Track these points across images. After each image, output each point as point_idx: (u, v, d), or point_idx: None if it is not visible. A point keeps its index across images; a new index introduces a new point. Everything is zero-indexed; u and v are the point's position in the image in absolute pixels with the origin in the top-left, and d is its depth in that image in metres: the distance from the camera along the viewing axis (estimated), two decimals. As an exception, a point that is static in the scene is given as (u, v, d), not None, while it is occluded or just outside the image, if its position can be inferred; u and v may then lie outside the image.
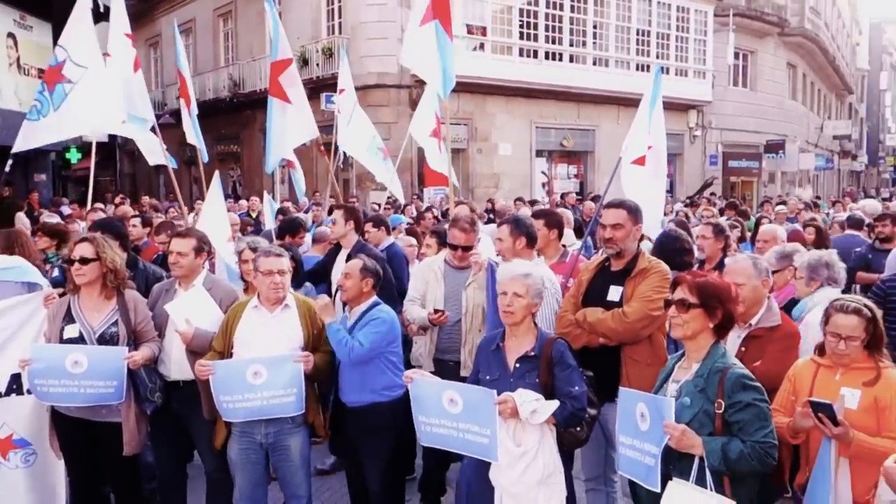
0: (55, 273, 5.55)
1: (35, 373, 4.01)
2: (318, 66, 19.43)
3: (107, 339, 4.12)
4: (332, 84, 12.75)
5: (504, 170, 20.89)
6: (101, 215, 8.26)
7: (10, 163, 7.62)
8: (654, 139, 5.67)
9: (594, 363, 3.87)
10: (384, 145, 10.00)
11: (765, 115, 29.15)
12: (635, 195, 5.14)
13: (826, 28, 38.72)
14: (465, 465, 3.76)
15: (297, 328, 4.17)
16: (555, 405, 3.42)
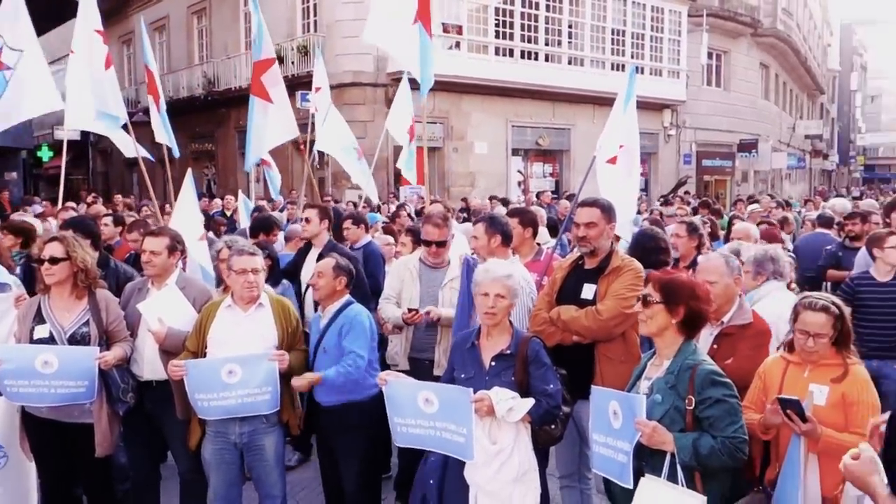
0: (17, 271, 5.45)
1: (5, 374, 3.95)
2: (293, 63, 19.32)
3: (78, 340, 4.07)
4: (308, 82, 12.68)
5: (480, 168, 20.92)
6: (73, 214, 8.15)
7: None
8: (626, 138, 5.71)
9: (568, 361, 3.90)
10: (359, 145, 9.98)
11: (738, 114, 29.51)
12: (610, 194, 5.18)
13: (798, 29, 39.25)
14: (431, 461, 3.75)
15: (271, 327, 4.14)
16: (530, 403, 3.44)
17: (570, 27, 21.60)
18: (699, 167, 27.90)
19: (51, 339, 4.04)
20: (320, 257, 5.19)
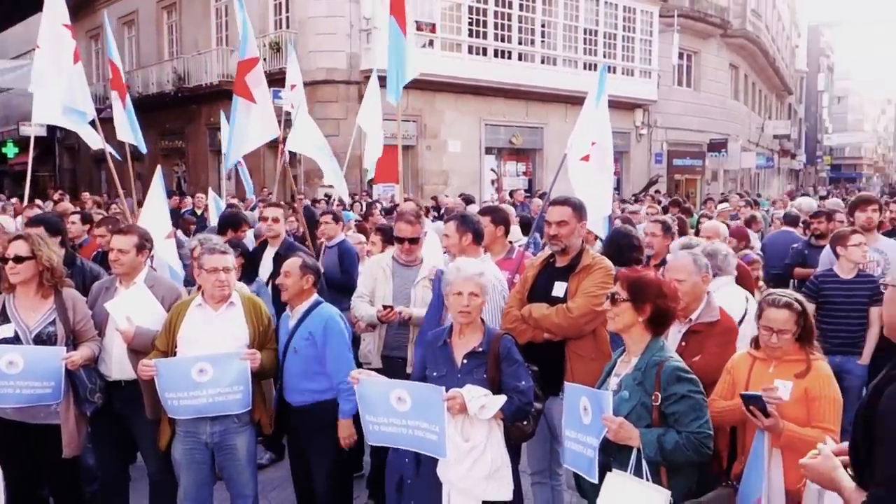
0: None
1: (-32, 374, 3.88)
2: (265, 60, 19.12)
3: (44, 339, 4.01)
4: (280, 79, 12.59)
5: (453, 167, 20.95)
6: (38, 212, 8.02)
7: None
8: (598, 135, 5.73)
9: (539, 358, 3.93)
10: (328, 144, 9.95)
11: (708, 114, 29.87)
12: (582, 192, 5.22)
13: (767, 30, 39.80)
14: (398, 456, 3.75)
15: (242, 326, 4.11)
16: (503, 400, 3.46)
17: (544, 27, 21.71)
18: (670, 166, 28.21)
19: (16, 339, 3.98)
20: (277, 255, 5.17)
